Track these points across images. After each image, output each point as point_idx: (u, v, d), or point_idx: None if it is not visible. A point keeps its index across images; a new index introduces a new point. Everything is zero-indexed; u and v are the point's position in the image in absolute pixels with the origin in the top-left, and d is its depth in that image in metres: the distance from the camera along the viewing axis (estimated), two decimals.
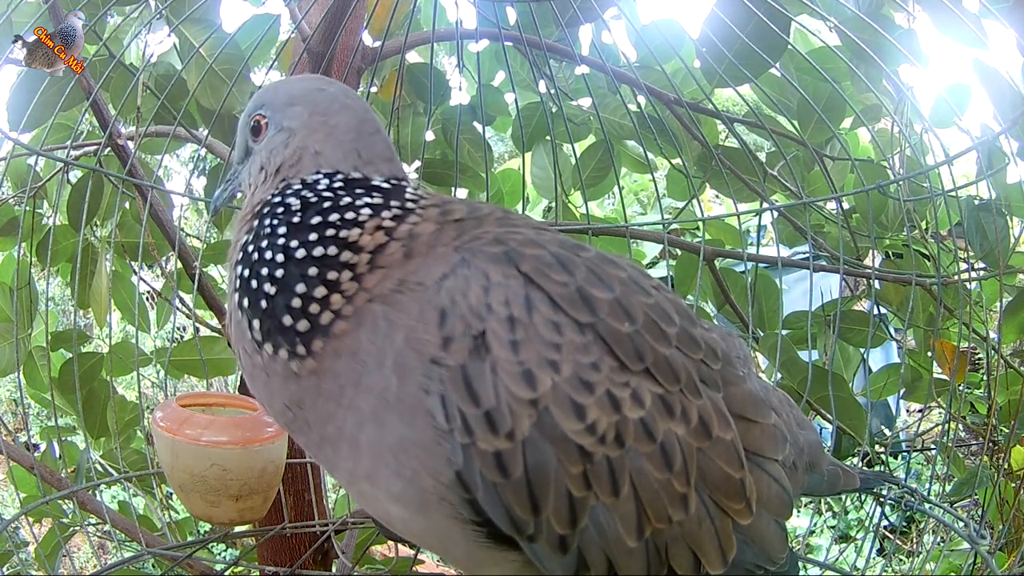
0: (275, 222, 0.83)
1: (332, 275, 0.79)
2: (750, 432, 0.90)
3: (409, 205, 0.85)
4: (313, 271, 0.80)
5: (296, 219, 0.82)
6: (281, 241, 0.81)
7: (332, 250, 0.80)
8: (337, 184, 0.85)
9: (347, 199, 0.84)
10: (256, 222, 0.85)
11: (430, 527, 0.81)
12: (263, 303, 0.81)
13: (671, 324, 0.85)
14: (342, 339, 0.78)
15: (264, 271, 0.81)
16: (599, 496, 0.77)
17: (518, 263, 0.79)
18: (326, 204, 0.83)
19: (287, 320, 0.79)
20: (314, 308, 0.79)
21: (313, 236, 0.81)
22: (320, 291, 0.79)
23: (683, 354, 0.85)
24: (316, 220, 0.82)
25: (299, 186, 0.86)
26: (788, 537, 0.94)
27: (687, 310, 0.91)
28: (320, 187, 0.85)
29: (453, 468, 0.75)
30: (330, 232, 0.81)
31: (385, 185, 0.87)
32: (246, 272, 0.83)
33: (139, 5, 1.82)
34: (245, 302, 0.82)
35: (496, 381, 0.74)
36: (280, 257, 0.81)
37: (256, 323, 0.81)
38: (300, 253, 0.80)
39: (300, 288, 0.79)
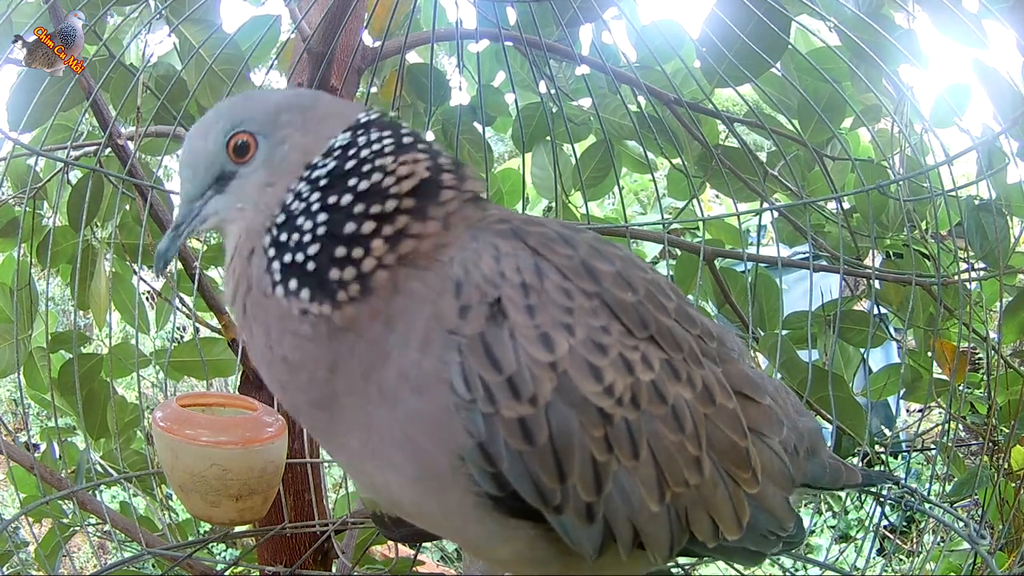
0: (306, 194, 0.80)
1: (376, 208, 0.77)
2: (748, 409, 0.92)
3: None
4: (360, 208, 0.77)
5: (324, 180, 0.80)
6: (317, 205, 0.79)
7: (378, 177, 0.78)
8: (358, 130, 0.83)
9: (374, 134, 0.82)
10: (283, 216, 0.80)
11: (443, 507, 0.81)
12: (311, 266, 0.77)
13: (668, 299, 0.87)
14: (380, 297, 0.76)
15: (307, 238, 0.78)
16: (620, 460, 0.78)
17: (524, 238, 0.80)
18: (357, 147, 0.81)
19: (334, 274, 0.76)
20: (357, 252, 0.76)
21: (352, 180, 0.79)
22: (369, 226, 0.77)
23: (682, 327, 0.87)
24: (351, 164, 0.80)
25: (319, 160, 0.82)
26: (793, 509, 0.96)
27: (680, 291, 0.93)
28: (340, 141, 0.82)
29: (475, 440, 0.75)
30: (366, 168, 0.79)
31: (376, 117, 0.85)
32: (287, 258, 0.78)
33: (139, 5, 1.82)
34: (292, 284, 0.78)
35: (516, 346, 0.74)
36: (323, 216, 0.78)
37: (305, 293, 0.77)
38: (347, 198, 0.78)
39: (350, 227, 0.77)
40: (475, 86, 2.03)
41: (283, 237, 0.80)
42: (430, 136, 2.17)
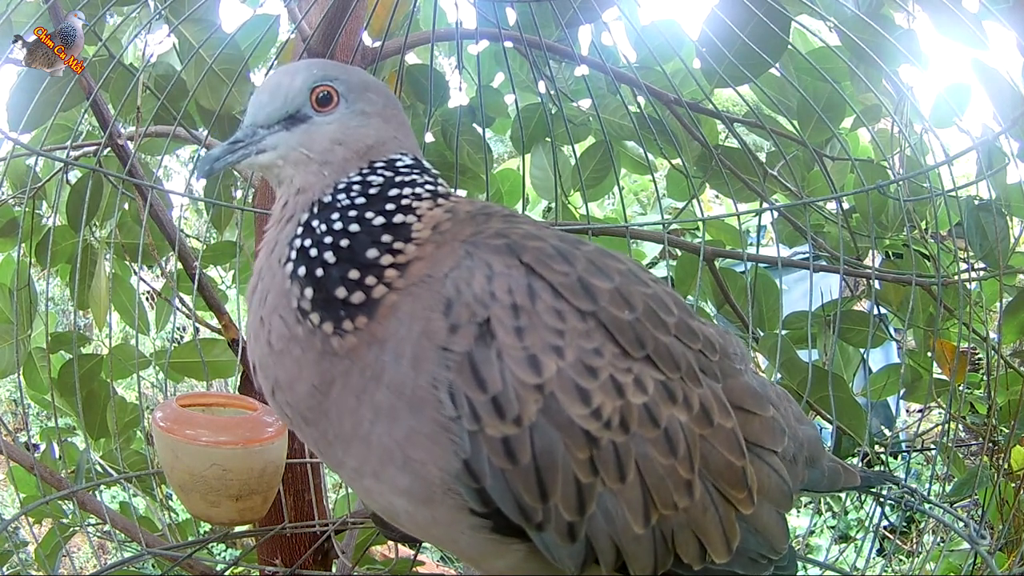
0: (353, 194, 0.85)
1: (399, 245, 0.82)
2: (749, 424, 0.91)
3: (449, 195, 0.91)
4: (387, 237, 0.82)
5: (374, 191, 0.85)
6: (354, 213, 0.83)
7: (411, 218, 0.84)
8: (411, 162, 0.90)
9: (415, 176, 0.88)
10: (329, 198, 0.85)
11: (436, 519, 0.81)
12: (319, 272, 0.81)
13: (670, 314, 0.86)
14: (381, 323, 0.79)
15: (328, 240, 0.82)
16: (606, 482, 0.78)
17: (520, 254, 0.81)
18: (399, 178, 0.87)
19: (341, 292, 0.80)
20: (371, 280, 0.80)
21: (390, 206, 0.84)
22: (387, 259, 0.81)
23: (682, 343, 0.86)
24: (394, 192, 0.86)
25: (382, 165, 0.88)
26: (788, 530, 0.94)
27: (684, 302, 0.92)
28: (399, 165, 0.89)
29: (461, 457, 0.76)
30: (404, 202, 0.85)
31: (434, 171, 0.92)
32: (307, 242, 0.83)
33: (139, 5, 1.82)
34: (301, 270, 0.82)
35: (502, 367, 0.75)
36: (354, 227, 0.82)
37: (308, 291, 0.81)
38: (379, 220, 0.83)
39: (371, 253, 0.81)
40: (475, 87, 2.03)
41: (314, 223, 0.84)
42: (429, 138, 2.17)
